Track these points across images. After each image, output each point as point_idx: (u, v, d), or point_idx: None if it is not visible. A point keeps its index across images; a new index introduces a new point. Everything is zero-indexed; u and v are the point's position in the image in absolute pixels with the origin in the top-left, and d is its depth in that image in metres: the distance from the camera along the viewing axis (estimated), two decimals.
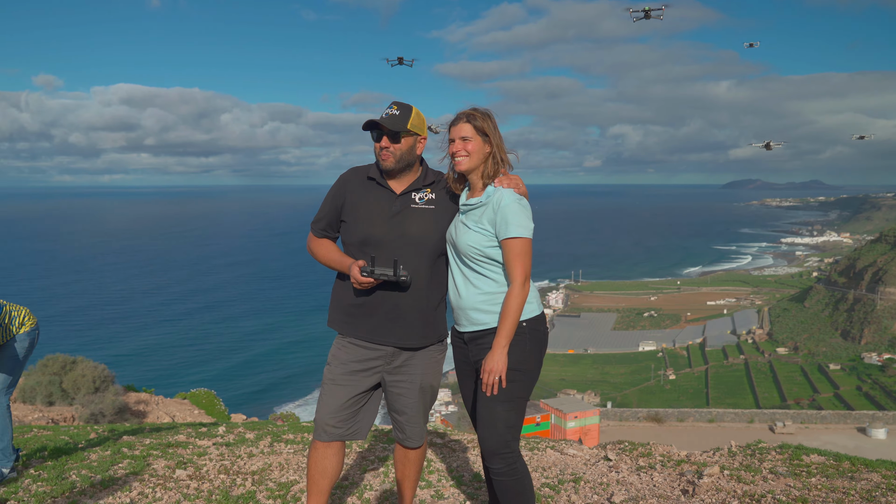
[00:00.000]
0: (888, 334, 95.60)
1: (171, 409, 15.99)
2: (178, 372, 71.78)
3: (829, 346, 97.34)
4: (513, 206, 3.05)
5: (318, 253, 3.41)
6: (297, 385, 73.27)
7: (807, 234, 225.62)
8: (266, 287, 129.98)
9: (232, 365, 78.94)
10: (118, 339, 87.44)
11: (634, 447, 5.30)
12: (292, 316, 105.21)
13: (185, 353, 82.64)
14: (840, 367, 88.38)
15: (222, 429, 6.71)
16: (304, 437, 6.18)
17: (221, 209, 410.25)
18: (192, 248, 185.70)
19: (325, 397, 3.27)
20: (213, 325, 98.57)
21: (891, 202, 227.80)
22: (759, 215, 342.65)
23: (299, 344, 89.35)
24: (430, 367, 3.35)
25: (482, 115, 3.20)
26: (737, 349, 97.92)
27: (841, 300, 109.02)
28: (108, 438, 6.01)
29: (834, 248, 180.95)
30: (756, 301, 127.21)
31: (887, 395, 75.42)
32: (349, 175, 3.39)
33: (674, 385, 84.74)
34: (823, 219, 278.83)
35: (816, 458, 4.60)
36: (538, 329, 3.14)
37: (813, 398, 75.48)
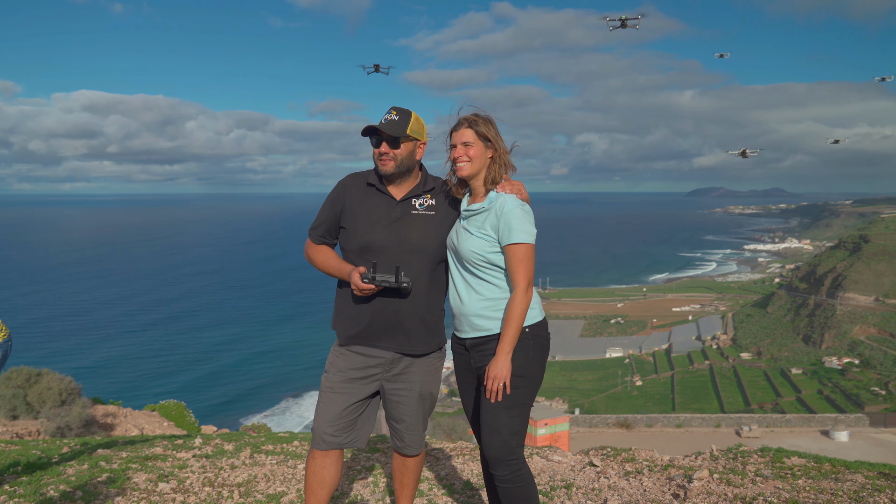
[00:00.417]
0: (847, 339, 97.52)
1: (140, 422, 15.66)
2: (143, 384, 70.48)
3: (791, 351, 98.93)
4: (516, 212, 3.04)
5: (316, 260, 3.36)
6: (265, 396, 72.45)
7: (769, 241, 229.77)
8: (232, 297, 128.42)
9: (198, 376, 77.75)
10: (80, 351, 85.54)
11: (618, 452, 5.32)
12: (259, 326, 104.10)
13: (150, 365, 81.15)
14: (802, 371, 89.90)
15: (199, 440, 6.59)
16: (283, 447, 6.09)
17: (186, 218, 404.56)
18: (156, 258, 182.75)
19: (323, 405, 3.22)
20: (178, 335, 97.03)
21: (849, 209, 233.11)
22: (723, 222, 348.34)
23: (266, 354, 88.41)
24: (429, 375, 3.33)
25: (484, 120, 3.17)
26: (702, 355, 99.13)
27: (802, 306, 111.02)
28: (83, 452, 5.86)
29: (795, 255, 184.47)
30: (720, 307, 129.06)
31: (847, 399, 76.96)
32: (348, 181, 3.35)
33: (640, 391, 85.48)
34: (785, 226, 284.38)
35: (797, 460, 4.66)
36: (541, 335, 3.13)
37: (776, 402, 76.59)
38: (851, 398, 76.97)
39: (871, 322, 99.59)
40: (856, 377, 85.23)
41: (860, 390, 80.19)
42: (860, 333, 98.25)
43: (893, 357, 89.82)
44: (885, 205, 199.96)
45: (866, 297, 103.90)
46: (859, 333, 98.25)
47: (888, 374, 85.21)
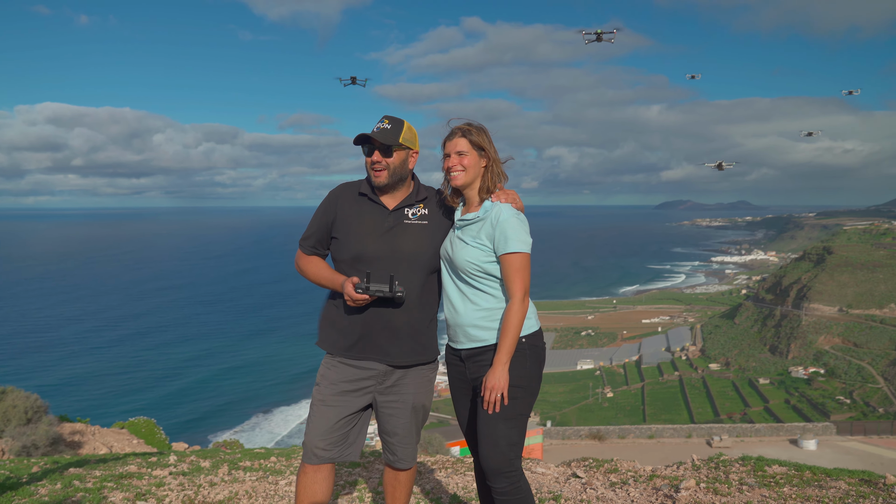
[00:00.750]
0: (813, 348, 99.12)
1: (109, 440, 15.31)
2: (111, 401, 69.12)
3: (759, 361, 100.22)
4: (512, 221, 3.03)
5: (307, 271, 3.32)
6: (235, 412, 71.43)
7: (736, 253, 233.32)
8: (201, 312, 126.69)
9: (167, 393, 76.41)
10: (46, 369, 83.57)
11: (600, 463, 5.32)
12: (229, 341, 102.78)
13: (117, 382, 79.55)
14: (769, 381, 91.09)
15: (173, 457, 6.45)
16: (261, 463, 5.98)
17: (154, 232, 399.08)
18: (123, 272, 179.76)
19: (315, 419, 3.17)
20: (146, 351, 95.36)
21: (812, 222, 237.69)
22: (691, 235, 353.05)
23: (236, 370, 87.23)
24: (422, 387, 3.28)
25: (477, 129, 3.16)
26: (671, 366, 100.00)
27: (769, 316, 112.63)
28: (54, 471, 5.69)
29: (761, 267, 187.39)
30: (689, 318, 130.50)
31: (814, 408, 78.14)
32: (339, 191, 3.31)
33: (611, 402, 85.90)
34: (751, 238, 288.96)
35: (779, 468, 4.69)
36: (537, 345, 3.10)
37: (744, 412, 77.45)
38: (818, 407, 78.17)
39: (835, 332, 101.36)
40: (821, 386, 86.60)
41: (826, 399, 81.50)
42: (825, 343, 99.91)
43: (857, 366, 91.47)
44: (847, 217, 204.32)
45: (830, 307, 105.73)
46: (824, 343, 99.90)
47: (852, 384, 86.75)
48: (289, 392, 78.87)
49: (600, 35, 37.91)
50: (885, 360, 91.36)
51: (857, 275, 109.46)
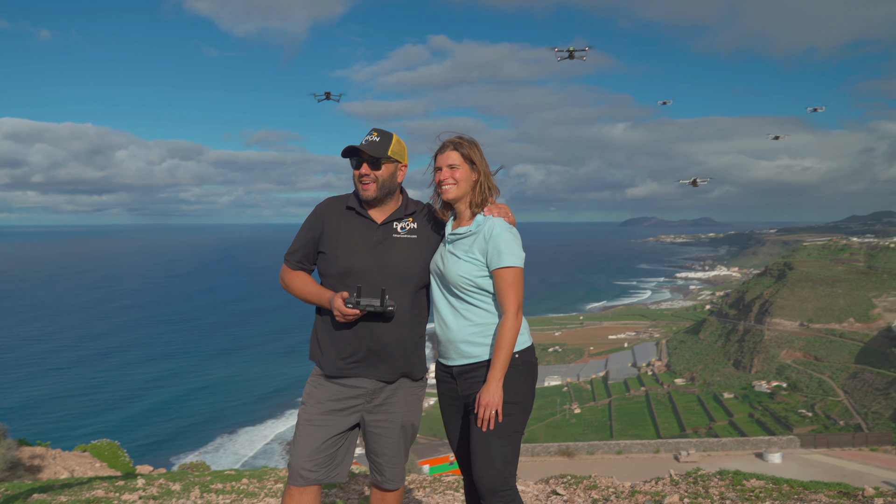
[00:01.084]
0: (776, 363, 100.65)
1: (70, 463, 14.87)
2: (71, 423, 67.29)
3: (723, 376, 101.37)
4: (505, 235, 3.00)
5: (293, 286, 3.24)
6: (199, 433, 70.07)
7: (699, 269, 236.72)
8: (164, 331, 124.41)
9: (129, 414, 74.67)
10: (2, 391, 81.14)
11: (579, 480, 5.30)
12: (193, 361, 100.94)
13: (78, 404, 77.50)
14: (733, 395, 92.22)
15: (141, 481, 6.28)
16: (233, 486, 5.86)
17: (116, 249, 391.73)
18: (83, 291, 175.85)
19: (301, 439, 3.07)
20: (107, 372, 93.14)
21: (773, 238, 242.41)
22: (656, 251, 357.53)
23: (201, 390, 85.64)
24: (411, 405, 3.22)
25: (469, 142, 3.14)
26: (638, 381, 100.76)
27: (732, 331, 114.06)
28: (17, 497, 5.50)
29: (724, 282, 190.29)
30: (654, 334, 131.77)
31: (777, 421, 79.28)
32: (326, 204, 3.26)
33: (579, 419, 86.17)
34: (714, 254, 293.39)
35: (756, 482, 4.72)
36: (530, 361, 3.07)
37: (710, 426, 78.20)
38: (780, 421, 79.33)
39: (796, 346, 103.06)
40: (784, 400, 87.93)
41: (789, 413, 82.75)
42: (787, 357, 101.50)
43: (818, 380, 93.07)
44: (807, 233, 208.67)
45: (792, 322, 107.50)
46: (786, 357, 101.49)
47: (814, 397, 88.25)
48: (254, 412, 77.71)
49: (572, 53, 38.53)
50: (845, 374, 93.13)
51: (816, 290, 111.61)
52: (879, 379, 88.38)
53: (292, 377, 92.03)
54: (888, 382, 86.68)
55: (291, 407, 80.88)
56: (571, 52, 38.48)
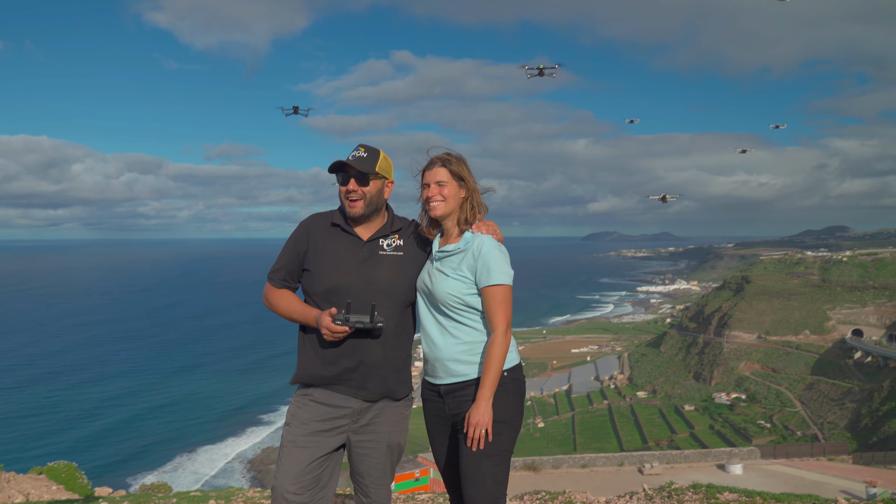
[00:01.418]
0: (734, 375, 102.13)
1: (25, 487, 14.46)
2: (25, 445, 65.14)
3: (684, 388, 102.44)
4: (494, 253, 2.98)
5: (278, 305, 3.16)
6: (159, 452, 68.49)
7: (660, 283, 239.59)
8: (122, 348, 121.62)
9: (86, 435, 72.62)
10: None
11: (554, 496, 5.34)
12: (152, 378, 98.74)
13: (32, 424, 75.11)
14: (694, 407, 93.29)
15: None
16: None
17: (72, 265, 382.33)
18: (37, 308, 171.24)
19: (285, 461, 2.99)
20: (62, 391, 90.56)
21: (731, 252, 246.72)
22: (618, 265, 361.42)
23: (160, 409, 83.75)
24: (397, 425, 3.18)
25: (457, 159, 3.13)
26: (600, 395, 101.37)
27: (692, 344, 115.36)
28: None
29: (684, 296, 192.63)
30: (616, 347, 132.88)
31: (736, 433, 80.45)
32: (310, 221, 3.21)
33: (543, 433, 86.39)
34: (674, 268, 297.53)
35: (730, 495, 4.82)
36: (518, 379, 3.06)
37: (671, 439, 78.90)
38: (740, 432, 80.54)
39: (755, 358, 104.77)
40: (743, 411, 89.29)
41: (748, 424, 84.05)
42: (746, 369, 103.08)
43: (776, 391, 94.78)
44: (763, 247, 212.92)
45: (750, 334, 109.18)
46: (745, 369, 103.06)
47: (772, 408, 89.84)
48: (214, 431, 76.34)
49: (542, 70, 39.05)
50: (802, 385, 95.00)
51: (773, 303, 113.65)
52: (834, 390, 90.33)
53: (254, 394, 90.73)
54: (843, 393, 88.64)
55: (252, 425, 79.65)
56: (541, 70, 39.01)
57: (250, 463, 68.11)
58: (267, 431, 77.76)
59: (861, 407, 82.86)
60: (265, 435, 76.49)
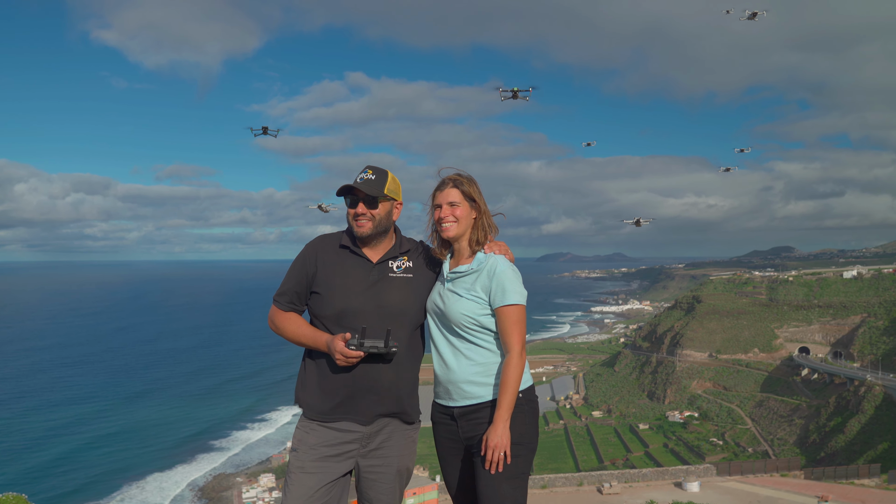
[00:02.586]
0: (687, 393, 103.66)
1: None
2: None
3: (638, 407, 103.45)
4: (508, 273, 2.97)
5: (286, 328, 3.10)
6: (108, 482, 66.23)
7: (613, 303, 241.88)
8: (70, 374, 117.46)
9: (32, 466, 69.82)
10: None
11: None
12: (102, 406, 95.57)
13: None
14: (648, 426, 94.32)
15: None
16: None
17: (15, 287, 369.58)
18: None
19: (293, 487, 2.95)
20: (7, 420, 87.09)
21: (682, 272, 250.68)
22: (572, 286, 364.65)
23: (115, 436, 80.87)
24: (406, 449, 3.14)
25: (468, 180, 3.12)
26: (556, 415, 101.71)
27: (646, 363, 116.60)
28: None
29: (637, 315, 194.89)
30: (572, 367, 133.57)
31: (690, 450, 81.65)
32: (318, 243, 3.17)
33: None
34: (627, 288, 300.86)
35: None
36: (532, 400, 3.07)
37: (626, 458, 79.46)
38: (693, 450, 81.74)
39: (706, 377, 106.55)
40: (696, 429, 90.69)
41: (701, 441, 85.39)
42: (698, 388, 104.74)
43: (727, 409, 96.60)
44: (713, 268, 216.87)
45: (701, 353, 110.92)
46: (697, 388, 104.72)
47: (723, 425, 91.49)
48: (165, 459, 74.26)
49: (516, 93, 39.46)
50: (752, 402, 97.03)
51: (723, 322, 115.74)
52: (783, 406, 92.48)
53: (207, 420, 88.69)
54: (791, 410, 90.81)
55: (203, 451, 77.82)
56: (515, 93, 39.42)
57: (201, 490, 66.50)
58: (221, 458, 76.09)
59: (809, 423, 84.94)
60: (219, 462, 74.83)
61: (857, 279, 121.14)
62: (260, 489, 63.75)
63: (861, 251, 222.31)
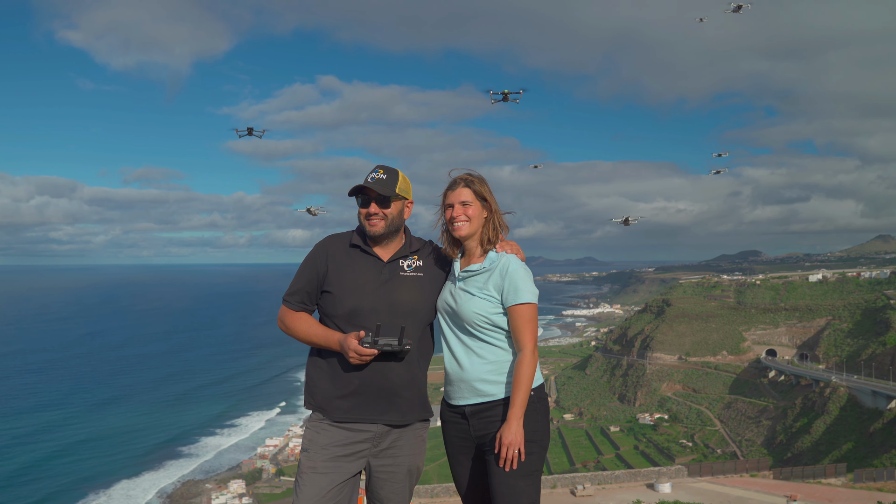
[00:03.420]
0: (657, 395, 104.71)
1: None
2: None
3: (609, 410, 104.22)
4: (520, 272, 3.00)
5: (297, 328, 3.10)
6: (76, 491, 65.09)
7: (584, 307, 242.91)
8: (37, 381, 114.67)
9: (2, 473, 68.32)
10: None
11: None
12: (69, 413, 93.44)
13: None
14: (619, 428, 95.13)
15: None
16: None
17: None
18: None
19: (305, 488, 2.92)
20: None
21: (652, 276, 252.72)
22: (545, 290, 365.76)
23: (82, 444, 78.97)
24: (417, 448, 3.15)
25: (479, 179, 3.15)
26: None
27: (616, 366, 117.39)
28: None
29: (608, 319, 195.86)
30: (544, 371, 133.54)
31: (660, 452, 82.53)
32: (328, 242, 3.18)
33: None
34: (598, 292, 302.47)
35: None
36: (543, 398, 3.08)
37: (598, 460, 80.00)
38: (663, 451, 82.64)
39: (676, 379, 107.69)
40: (666, 431, 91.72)
41: (671, 443, 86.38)
42: (668, 390, 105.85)
43: (697, 411, 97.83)
44: (682, 271, 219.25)
45: (671, 356, 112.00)
46: (667, 390, 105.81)
47: (693, 427, 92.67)
48: (134, 466, 73.04)
49: (507, 95, 39.47)
50: (720, 404, 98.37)
51: (693, 325, 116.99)
52: (751, 408, 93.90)
53: (177, 427, 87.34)
54: (759, 411, 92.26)
55: (172, 458, 76.74)
56: (506, 95, 39.44)
57: (170, 498, 65.64)
58: (190, 465, 75.12)
59: (776, 424, 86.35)
60: (188, 469, 73.86)
61: (822, 283, 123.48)
62: (230, 495, 63.12)
63: (826, 255, 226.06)
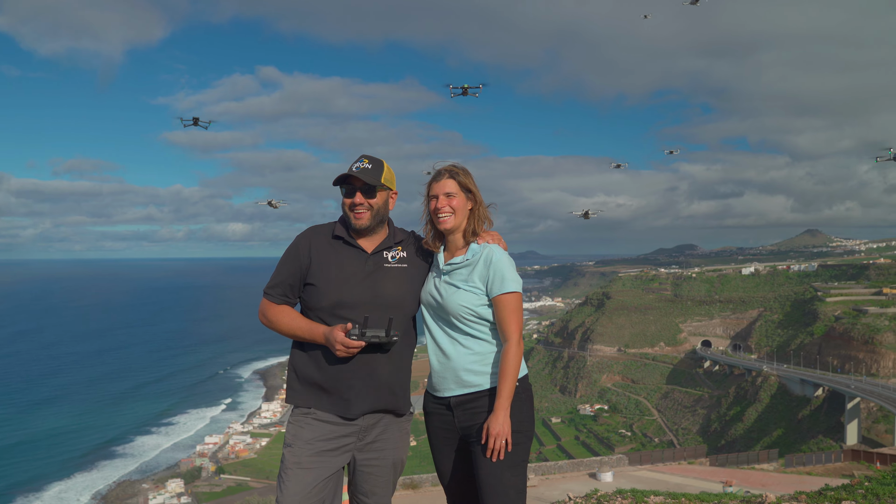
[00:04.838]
0: (598, 387, 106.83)
1: None
2: None
3: (551, 402, 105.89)
4: (505, 261, 2.99)
5: (280, 322, 3.03)
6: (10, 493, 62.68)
7: (526, 300, 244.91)
8: None
9: None
10: None
11: None
12: (4, 414, 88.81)
13: None
14: (561, 419, 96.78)
15: None
16: None
17: None
18: None
19: (289, 483, 2.86)
20: None
21: (592, 270, 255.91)
22: None
23: (13, 448, 75.73)
24: (401, 441, 3.13)
25: (463, 171, 3.12)
26: None
27: (558, 358, 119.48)
28: None
29: (550, 312, 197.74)
30: None
31: (600, 442, 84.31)
32: (310, 234, 3.11)
33: (415, 450, 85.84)
34: (539, 285, 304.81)
35: (657, 498, 5.21)
36: (528, 388, 3.06)
37: (539, 451, 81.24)
38: (603, 441, 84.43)
39: (615, 370, 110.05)
40: (606, 422, 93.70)
41: (610, 433, 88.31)
42: (607, 381, 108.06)
43: (635, 401, 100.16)
44: (622, 265, 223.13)
45: (610, 347, 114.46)
46: (607, 381, 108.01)
47: (632, 417, 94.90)
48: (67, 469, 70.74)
49: (466, 90, 39.46)
50: (658, 394, 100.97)
51: (631, 317, 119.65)
52: (687, 397, 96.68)
53: (114, 428, 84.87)
54: (694, 400, 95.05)
55: (108, 459, 74.59)
56: (465, 89, 39.47)
57: (104, 499, 63.90)
58: (127, 465, 73.16)
59: (711, 413, 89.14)
60: (125, 470, 71.87)
61: (754, 275, 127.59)
62: (168, 495, 61.80)
63: (758, 249, 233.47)
